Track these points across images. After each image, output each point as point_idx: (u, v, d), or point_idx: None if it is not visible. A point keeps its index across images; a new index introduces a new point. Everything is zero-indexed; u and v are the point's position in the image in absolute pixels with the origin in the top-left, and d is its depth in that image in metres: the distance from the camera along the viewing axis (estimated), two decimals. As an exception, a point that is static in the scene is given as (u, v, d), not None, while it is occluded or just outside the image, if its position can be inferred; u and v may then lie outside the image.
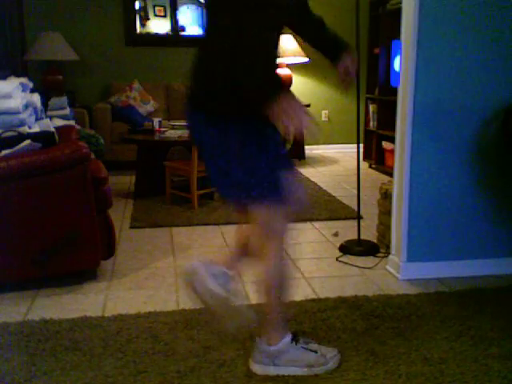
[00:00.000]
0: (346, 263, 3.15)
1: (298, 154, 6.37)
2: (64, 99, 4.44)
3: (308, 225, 3.89)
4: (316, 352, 2.02)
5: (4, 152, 2.67)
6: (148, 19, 6.40)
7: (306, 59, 6.00)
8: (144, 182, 4.70)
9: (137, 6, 6.31)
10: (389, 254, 3.07)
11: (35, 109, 3.42)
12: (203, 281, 1.88)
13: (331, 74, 6.26)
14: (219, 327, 2.07)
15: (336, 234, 3.64)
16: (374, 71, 5.78)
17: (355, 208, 3.48)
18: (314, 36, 2.07)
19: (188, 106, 1.88)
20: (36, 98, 3.53)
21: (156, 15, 6.42)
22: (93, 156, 3.15)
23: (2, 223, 2.64)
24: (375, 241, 3.43)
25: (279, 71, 5.95)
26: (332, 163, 6.24)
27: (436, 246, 2.91)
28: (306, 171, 5.72)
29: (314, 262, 3.18)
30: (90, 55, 6.19)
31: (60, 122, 4.01)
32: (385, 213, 3.32)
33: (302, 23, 2.04)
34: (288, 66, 6.23)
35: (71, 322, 2.41)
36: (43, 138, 2.84)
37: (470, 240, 2.94)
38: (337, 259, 3.21)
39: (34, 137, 2.81)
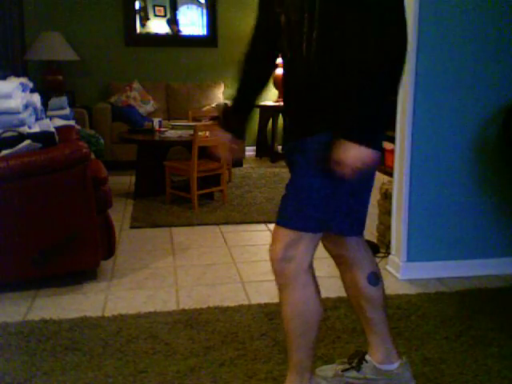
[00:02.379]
0: (346, 263, 3.14)
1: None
2: (64, 99, 4.44)
3: (308, 225, 3.89)
4: None
5: (4, 152, 2.67)
6: (148, 19, 6.40)
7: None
8: (144, 182, 4.69)
9: (137, 5, 6.30)
10: (389, 253, 3.07)
11: (35, 109, 3.42)
12: None
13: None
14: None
15: (336, 234, 3.63)
16: (374, 71, 5.77)
17: (355, 208, 3.48)
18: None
19: None
20: (36, 98, 3.53)
21: (156, 15, 6.42)
22: (93, 156, 3.15)
23: (2, 223, 2.64)
24: (375, 241, 3.42)
25: (280, 71, 5.95)
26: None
27: (436, 246, 2.91)
28: (306, 171, 5.71)
29: (314, 262, 3.17)
30: (89, 55, 6.18)
31: (60, 122, 4.00)
32: (385, 213, 3.31)
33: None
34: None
35: (71, 322, 2.41)
36: (43, 137, 2.84)
37: (470, 240, 2.93)
38: (337, 259, 3.20)
39: (33, 137, 2.81)
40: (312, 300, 1.67)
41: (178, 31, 6.49)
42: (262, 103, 6.35)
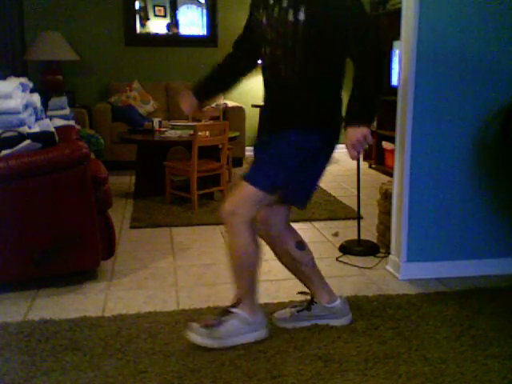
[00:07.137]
0: (345, 263, 3.15)
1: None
2: (64, 99, 4.43)
3: (308, 225, 3.89)
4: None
5: (4, 152, 2.67)
6: (148, 19, 6.40)
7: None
8: (144, 182, 4.70)
9: (137, 5, 6.30)
10: (389, 253, 3.07)
11: (35, 109, 3.42)
12: None
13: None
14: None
15: (336, 234, 3.64)
16: (374, 71, 5.76)
17: (355, 208, 3.48)
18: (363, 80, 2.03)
19: None
20: (36, 98, 3.52)
21: (156, 15, 6.42)
22: (93, 156, 3.15)
23: (2, 223, 2.64)
24: (375, 241, 3.43)
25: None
26: (332, 163, 6.23)
27: (436, 246, 2.91)
28: (306, 171, 5.71)
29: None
30: (89, 55, 6.19)
31: (60, 122, 4.00)
32: (385, 213, 3.32)
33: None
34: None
35: (71, 322, 2.41)
36: (43, 138, 2.84)
37: (470, 240, 2.94)
38: (337, 259, 3.21)
39: (33, 137, 2.81)
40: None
41: (178, 34, 6.50)
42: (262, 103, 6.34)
